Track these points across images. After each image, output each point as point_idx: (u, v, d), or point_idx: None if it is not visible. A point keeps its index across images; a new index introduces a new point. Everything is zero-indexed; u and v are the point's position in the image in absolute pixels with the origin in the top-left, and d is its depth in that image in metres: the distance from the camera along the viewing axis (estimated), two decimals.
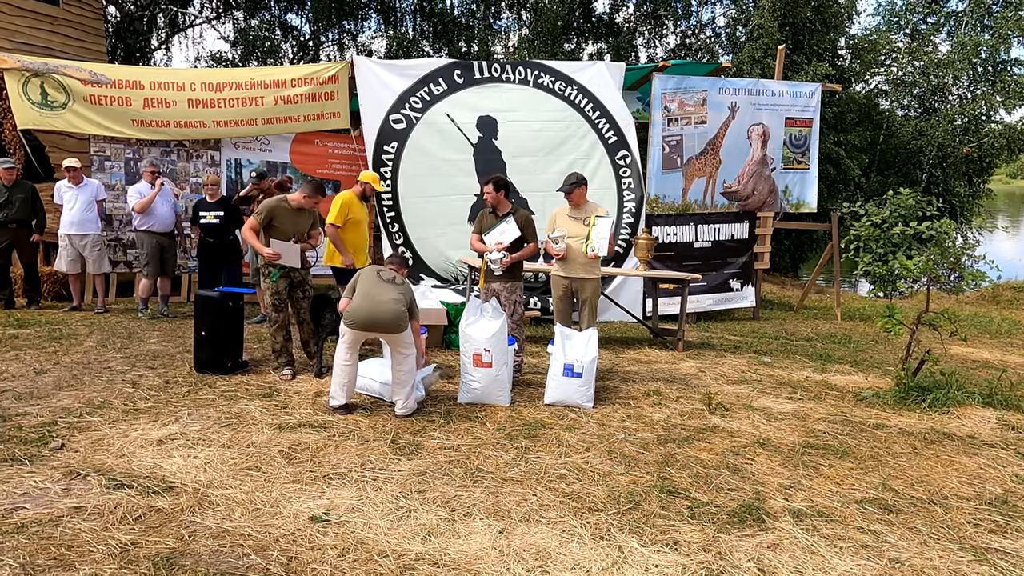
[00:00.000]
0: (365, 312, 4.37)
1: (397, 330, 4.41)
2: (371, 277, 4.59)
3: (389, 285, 4.53)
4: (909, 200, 5.35)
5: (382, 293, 4.45)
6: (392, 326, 4.40)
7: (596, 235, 5.42)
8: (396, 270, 4.81)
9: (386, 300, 4.40)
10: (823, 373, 6.18)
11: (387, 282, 4.56)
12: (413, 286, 7.52)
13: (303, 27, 20.66)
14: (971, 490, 3.65)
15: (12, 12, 10.83)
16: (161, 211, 7.38)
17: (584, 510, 3.24)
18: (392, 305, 4.39)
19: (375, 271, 4.64)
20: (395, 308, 4.38)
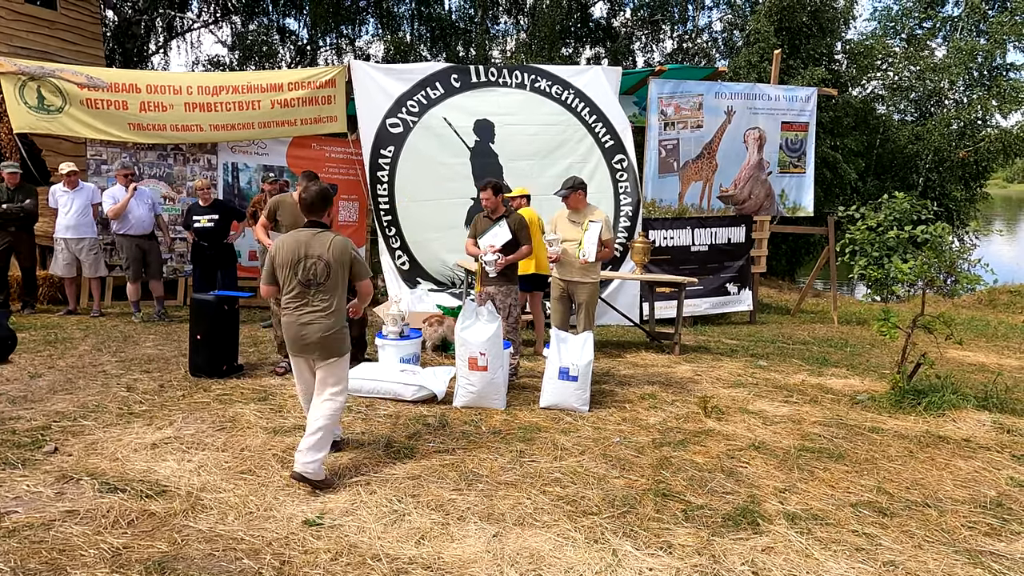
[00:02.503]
0: (291, 334, 3.54)
1: (327, 355, 3.52)
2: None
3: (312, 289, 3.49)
4: (904, 204, 5.36)
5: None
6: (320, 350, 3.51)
7: (587, 240, 5.45)
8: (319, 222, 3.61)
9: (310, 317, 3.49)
10: (819, 377, 6.19)
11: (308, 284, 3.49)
12: (410, 290, 7.59)
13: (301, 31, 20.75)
14: (966, 493, 3.65)
15: (9, 16, 10.83)
16: (138, 214, 7.32)
17: (578, 513, 3.24)
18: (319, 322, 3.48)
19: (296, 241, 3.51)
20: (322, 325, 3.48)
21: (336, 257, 3.47)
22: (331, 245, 3.48)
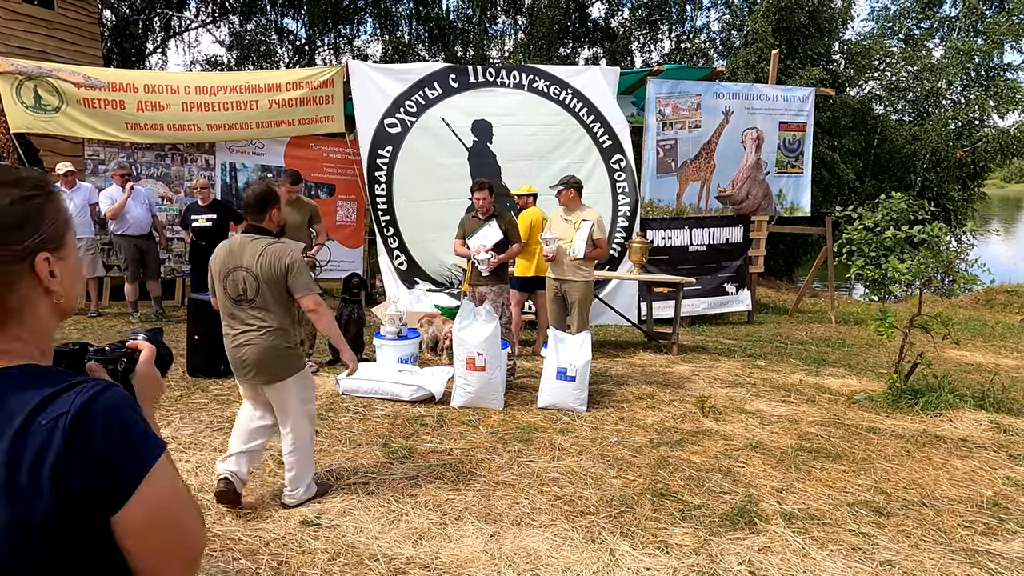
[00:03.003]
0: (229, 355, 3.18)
1: (269, 378, 3.12)
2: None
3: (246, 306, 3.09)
4: (901, 204, 5.37)
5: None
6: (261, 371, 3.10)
7: (577, 238, 5.49)
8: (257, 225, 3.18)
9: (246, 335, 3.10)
10: (817, 376, 6.19)
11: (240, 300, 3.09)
12: (408, 290, 7.59)
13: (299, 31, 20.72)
14: (962, 492, 3.66)
15: (7, 16, 10.82)
16: (135, 214, 7.32)
17: (576, 513, 3.24)
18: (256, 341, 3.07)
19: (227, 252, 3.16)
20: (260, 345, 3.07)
21: (265, 270, 3.01)
22: (261, 255, 3.01)
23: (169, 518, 0.87)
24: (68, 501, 0.80)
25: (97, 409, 0.81)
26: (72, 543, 0.81)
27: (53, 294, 0.88)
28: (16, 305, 0.85)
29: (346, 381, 4.94)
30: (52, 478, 0.79)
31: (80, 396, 0.81)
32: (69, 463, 0.79)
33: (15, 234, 0.84)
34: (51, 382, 0.83)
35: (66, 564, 0.82)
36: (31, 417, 0.80)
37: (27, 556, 0.79)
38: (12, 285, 0.84)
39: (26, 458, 0.79)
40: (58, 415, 0.80)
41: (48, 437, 0.79)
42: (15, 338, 0.85)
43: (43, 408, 0.80)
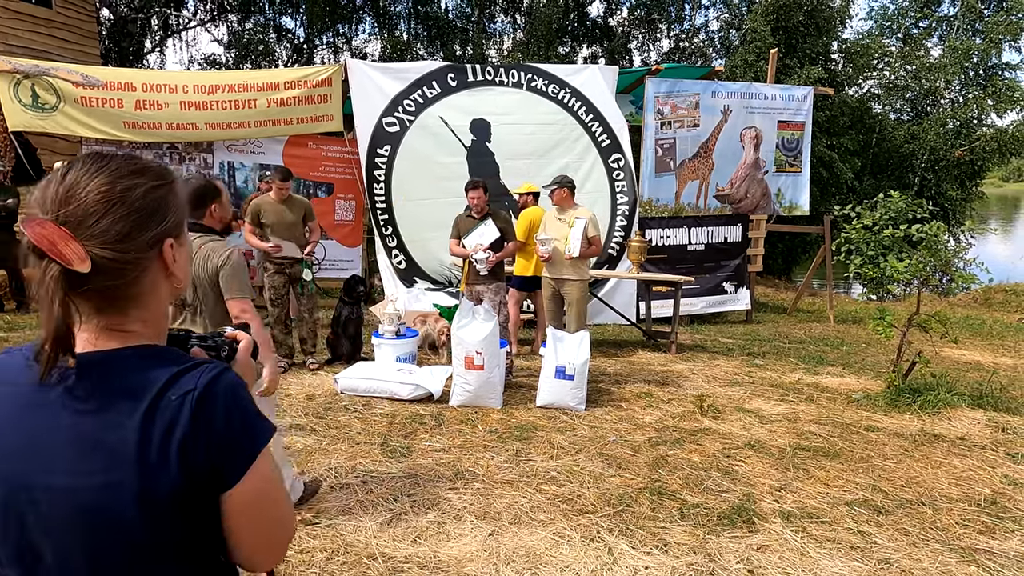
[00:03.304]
0: None
1: None
2: None
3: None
4: (899, 203, 5.38)
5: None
6: None
7: (571, 236, 5.50)
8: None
9: None
10: (815, 375, 6.20)
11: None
12: (407, 289, 7.58)
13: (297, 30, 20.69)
14: (961, 491, 3.67)
15: (5, 14, 10.80)
16: None
17: (574, 512, 3.24)
18: None
19: None
20: None
21: (197, 270, 2.80)
22: (197, 253, 2.82)
23: (272, 497, 0.91)
24: (192, 476, 0.84)
25: (219, 390, 0.86)
26: (190, 518, 0.86)
27: (174, 277, 0.94)
28: (146, 288, 0.90)
29: (344, 380, 4.94)
30: (179, 454, 0.83)
31: (204, 376, 0.87)
32: (195, 440, 0.84)
33: (149, 222, 0.89)
34: (175, 361, 0.89)
35: (184, 538, 0.87)
36: (161, 393, 0.84)
37: (153, 528, 0.84)
38: (146, 269, 0.89)
39: (156, 433, 0.83)
40: (186, 392, 0.85)
41: (176, 413, 0.84)
42: (140, 320, 0.90)
43: (171, 385, 0.85)
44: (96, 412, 0.84)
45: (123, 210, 0.87)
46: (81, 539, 0.85)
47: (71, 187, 0.85)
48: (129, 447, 0.83)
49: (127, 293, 0.88)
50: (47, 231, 0.82)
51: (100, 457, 0.83)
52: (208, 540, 0.90)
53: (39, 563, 0.86)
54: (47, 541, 0.85)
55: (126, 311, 0.89)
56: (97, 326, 0.88)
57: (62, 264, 0.82)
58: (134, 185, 0.88)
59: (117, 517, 0.84)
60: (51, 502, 0.84)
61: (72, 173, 0.87)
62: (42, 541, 0.85)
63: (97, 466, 0.83)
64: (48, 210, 0.85)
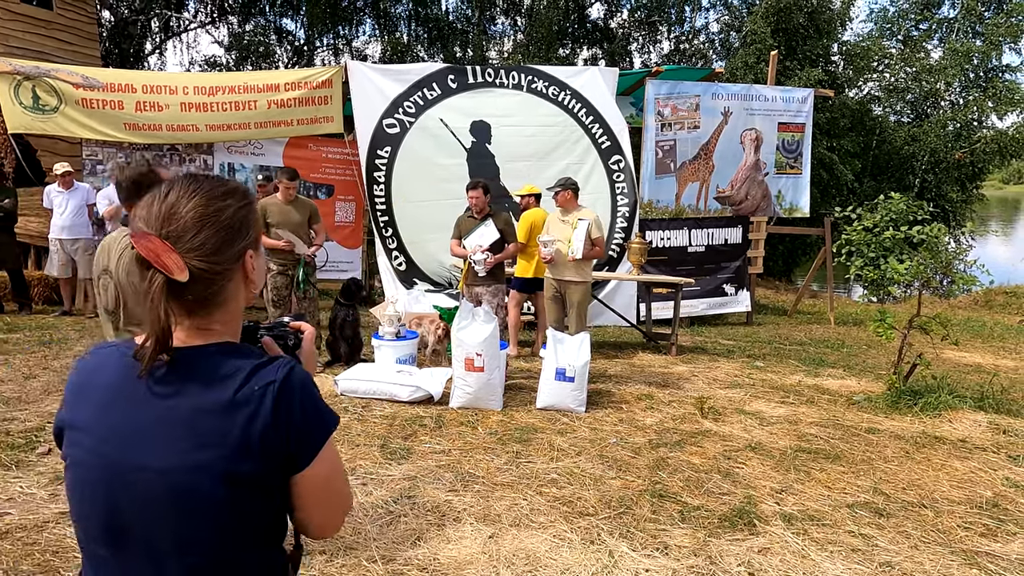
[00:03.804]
0: None
1: None
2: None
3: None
4: (900, 204, 5.37)
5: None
6: None
7: (575, 238, 5.50)
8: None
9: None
10: (816, 377, 6.19)
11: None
12: (407, 291, 7.58)
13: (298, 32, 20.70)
14: (962, 494, 3.66)
15: (5, 16, 10.80)
16: None
17: (575, 514, 3.23)
18: None
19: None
20: None
21: (123, 274, 2.31)
22: (123, 255, 2.31)
23: (336, 476, 1.05)
24: (270, 460, 0.95)
25: (295, 383, 0.97)
26: (267, 498, 0.97)
27: (251, 283, 1.06)
28: (229, 294, 1.02)
29: (344, 382, 4.93)
30: (260, 439, 0.94)
31: (282, 369, 0.98)
32: (276, 427, 0.94)
33: (236, 237, 1.01)
34: (252, 356, 1.00)
35: (262, 517, 0.98)
36: (244, 384, 0.95)
37: (236, 508, 0.95)
38: (231, 278, 1.01)
39: (240, 419, 0.94)
40: (267, 383, 0.95)
41: (259, 403, 0.94)
42: (222, 320, 1.02)
43: (253, 376, 0.96)
44: (186, 400, 0.94)
45: (216, 227, 0.99)
46: (170, 519, 0.94)
47: (172, 206, 0.98)
48: (217, 432, 0.93)
49: (215, 299, 1.00)
50: (153, 244, 0.94)
51: (190, 441, 0.93)
52: (280, 519, 1.01)
53: (128, 542, 0.96)
54: (137, 521, 0.95)
55: (212, 313, 1.00)
56: (187, 326, 1.00)
57: (165, 274, 0.93)
58: (225, 206, 1.01)
59: (205, 497, 0.93)
60: (144, 483, 0.94)
61: (172, 193, 0.99)
62: (133, 521, 0.95)
63: (187, 449, 0.93)
64: (152, 225, 0.96)
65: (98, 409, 0.98)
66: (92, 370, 1.02)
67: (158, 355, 0.94)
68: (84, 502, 0.98)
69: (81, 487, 0.98)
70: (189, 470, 0.93)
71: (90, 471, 0.97)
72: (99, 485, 0.96)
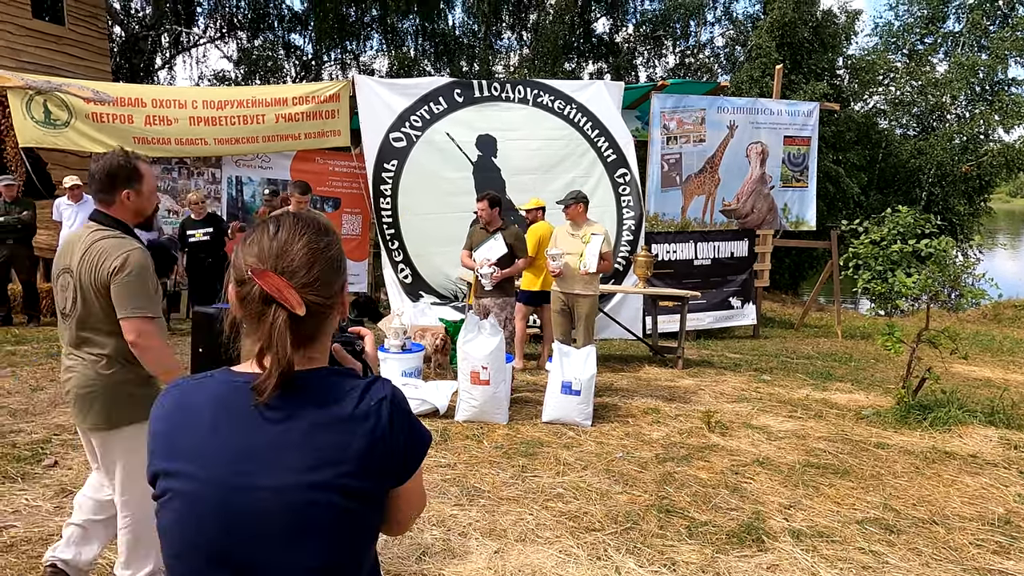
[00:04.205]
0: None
1: (94, 422, 2.26)
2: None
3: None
4: (907, 218, 5.35)
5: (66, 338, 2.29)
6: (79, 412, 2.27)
7: (588, 252, 5.51)
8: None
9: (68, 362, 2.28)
10: (824, 391, 6.14)
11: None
12: (412, 304, 7.58)
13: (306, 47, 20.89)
14: (973, 510, 3.61)
15: (18, 32, 10.96)
16: None
17: (581, 530, 3.20)
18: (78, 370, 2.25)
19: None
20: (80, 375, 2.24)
21: (85, 274, 2.14)
22: (86, 254, 2.15)
23: (422, 483, 1.13)
24: (385, 471, 1.01)
25: (401, 399, 1.04)
26: (376, 507, 1.03)
27: (344, 315, 1.12)
28: (329, 327, 1.08)
29: None
30: (380, 451, 0.99)
31: (387, 386, 1.04)
32: (393, 441, 1.00)
33: (339, 271, 1.08)
34: (353, 375, 1.07)
35: (372, 525, 1.04)
36: (361, 399, 1.00)
37: (355, 521, 0.99)
38: (334, 312, 1.06)
39: (359, 435, 0.98)
40: (381, 398, 1.01)
41: (377, 416, 1.00)
42: (321, 348, 1.07)
43: (367, 392, 1.02)
44: (301, 421, 0.98)
45: (325, 262, 1.04)
46: (284, 539, 0.96)
47: (284, 243, 1.02)
48: (336, 446, 0.97)
49: (320, 330, 1.05)
50: (275, 281, 0.98)
51: (307, 458, 0.96)
52: (379, 518, 1.06)
53: (235, 570, 0.97)
54: (248, 546, 0.96)
55: (316, 343, 1.05)
56: (297, 356, 1.02)
57: (287, 309, 0.97)
58: (330, 242, 1.07)
59: (322, 513, 0.96)
60: (259, 504, 0.96)
61: (282, 232, 1.04)
62: (243, 547, 0.97)
63: (305, 467, 0.96)
64: (267, 262, 1.01)
65: (203, 441, 0.99)
66: (185, 407, 1.03)
67: (279, 386, 0.97)
68: (189, 534, 0.98)
69: (186, 520, 0.98)
70: (307, 487, 0.95)
71: (198, 502, 0.97)
72: (208, 514, 0.96)
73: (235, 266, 1.04)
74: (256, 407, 0.97)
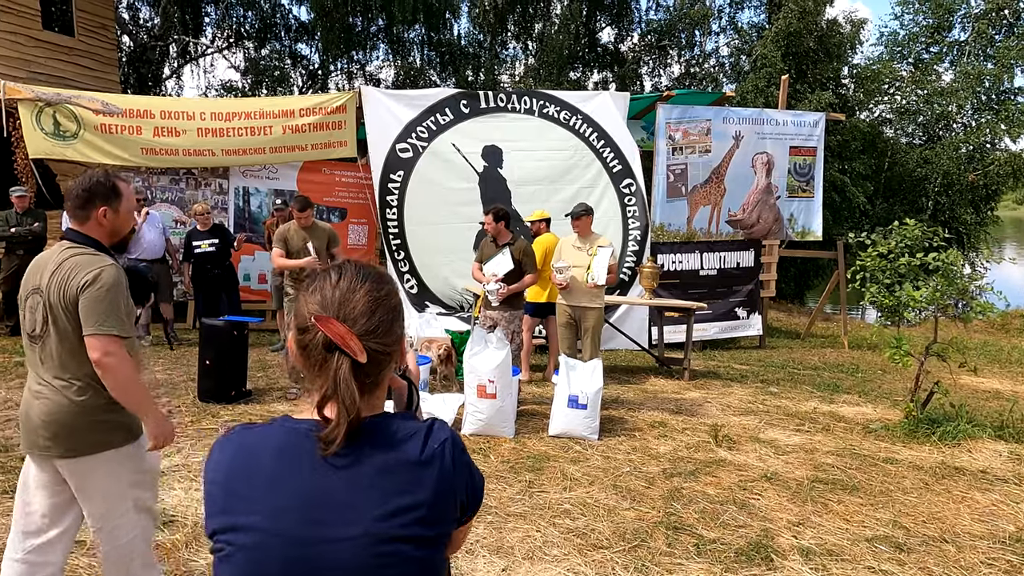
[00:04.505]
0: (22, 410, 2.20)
1: (63, 449, 2.10)
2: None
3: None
4: (915, 231, 5.34)
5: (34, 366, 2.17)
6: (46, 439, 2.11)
7: (596, 265, 5.51)
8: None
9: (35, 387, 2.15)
10: (831, 404, 6.12)
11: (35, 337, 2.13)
12: (418, 314, 7.59)
13: (312, 57, 20.99)
14: (984, 528, 3.58)
15: (28, 43, 11.06)
16: (149, 238, 7.38)
17: (589, 547, 3.19)
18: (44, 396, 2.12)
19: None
20: (48, 402, 2.11)
21: (54, 293, 2.05)
22: (57, 270, 2.06)
23: (470, 522, 1.14)
24: (452, 513, 1.03)
25: (459, 441, 1.07)
26: (443, 547, 1.03)
27: (403, 363, 1.14)
28: (388, 375, 1.09)
29: None
30: (448, 493, 1.01)
31: (446, 427, 1.06)
32: (456, 482, 1.03)
33: (399, 319, 1.08)
34: (412, 419, 1.08)
35: (440, 565, 1.04)
36: (425, 443, 1.02)
37: (423, 564, 0.99)
38: (393, 359, 1.08)
39: (430, 476, 1.00)
40: (443, 440, 1.03)
41: (442, 459, 1.01)
42: (380, 396, 1.09)
43: (430, 435, 1.03)
44: (369, 466, 0.98)
45: (386, 310, 1.05)
46: None
47: (345, 292, 1.04)
48: (408, 492, 0.98)
49: (380, 378, 1.06)
50: (339, 329, 0.99)
51: (379, 505, 0.96)
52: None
53: None
54: None
55: (375, 392, 1.06)
56: (361, 403, 1.04)
57: (351, 356, 0.98)
58: (389, 292, 1.08)
59: (397, 560, 0.96)
60: (331, 555, 0.95)
61: (343, 281, 1.05)
62: None
63: (377, 515, 0.96)
64: (329, 310, 1.02)
65: (268, 492, 0.97)
66: (245, 458, 1.01)
67: (346, 433, 0.97)
68: None
69: (249, 574, 0.96)
70: (380, 539, 0.95)
71: (264, 555, 0.95)
72: (274, 567, 0.95)
73: (297, 314, 1.04)
74: (335, 456, 0.97)
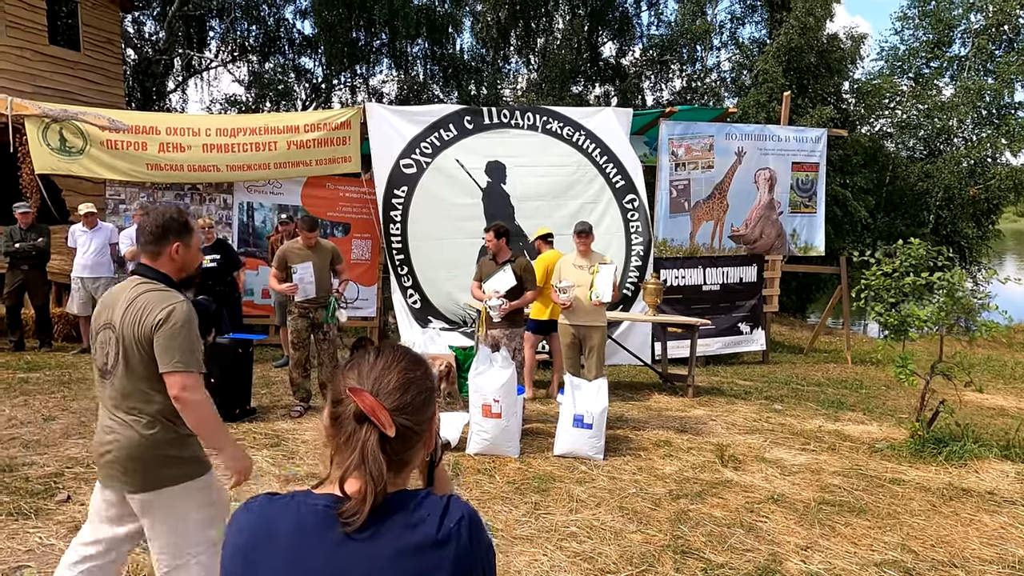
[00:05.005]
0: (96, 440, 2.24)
1: (139, 484, 2.13)
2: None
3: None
4: (920, 250, 5.34)
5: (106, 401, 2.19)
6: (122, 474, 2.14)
7: (600, 282, 5.52)
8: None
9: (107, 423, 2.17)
10: (836, 422, 6.10)
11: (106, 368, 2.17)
12: (422, 330, 7.59)
13: (316, 71, 21.12)
14: (993, 552, 3.56)
15: (34, 57, 11.14)
16: None
17: (596, 572, 3.17)
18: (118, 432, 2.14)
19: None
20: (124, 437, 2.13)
21: (127, 328, 2.07)
22: (130, 307, 2.08)
23: None
24: None
25: (475, 515, 1.09)
26: None
27: (430, 447, 1.16)
28: (415, 456, 1.11)
29: None
30: (467, 569, 1.02)
31: (463, 506, 1.08)
32: (474, 560, 1.04)
33: (430, 401, 1.11)
34: (429, 494, 1.09)
35: None
36: (442, 521, 1.03)
37: None
38: (423, 441, 1.11)
39: (447, 556, 1.01)
40: (459, 518, 1.05)
41: (458, 537, 1.03)
42: (405, 478, 1.10)
43: (446, 513, 1.05)
44: (387, 542, 1.00)
45: (418, 390, 1.09)
46: None
47: (381, 369, 1.08)
48: (425, 572, 0.99)
49: (407, 458, 1.08)
50: (370, 400, 1.02)
51: None
52: None
53: None
54: None
55: (403, 470, 1.09)
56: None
57: (379, 428, 1.01)
58: (424, 374, 1.12)
59: None
60: None
61: (381, 359, 1.09)
62: None
63: None
64: (364, 384, 1.06)
65: (287, 563, 1.00)
66: (263, 534, 1.03)
67: (371, 507, 0.99)
68: None
69: None
70: None
71: None
72: None
73: (333, 388, 1.08)
74: (357, 531, 0.99)
